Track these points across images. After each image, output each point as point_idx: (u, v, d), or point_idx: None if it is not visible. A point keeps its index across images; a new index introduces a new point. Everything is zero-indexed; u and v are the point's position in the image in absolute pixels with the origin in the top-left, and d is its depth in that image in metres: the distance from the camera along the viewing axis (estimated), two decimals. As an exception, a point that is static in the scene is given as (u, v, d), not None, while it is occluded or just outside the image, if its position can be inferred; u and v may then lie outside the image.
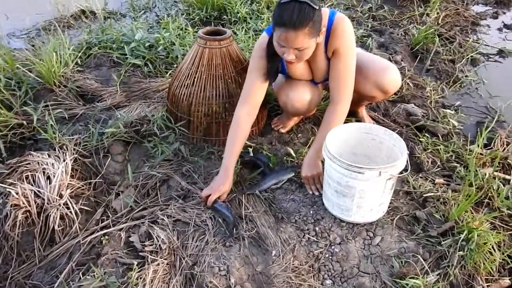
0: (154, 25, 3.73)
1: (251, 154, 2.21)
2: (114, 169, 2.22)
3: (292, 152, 2.22)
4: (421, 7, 4.13)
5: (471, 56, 3.44)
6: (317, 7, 1.72)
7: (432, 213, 1.87)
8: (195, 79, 2.24)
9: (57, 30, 3.30)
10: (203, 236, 1.81)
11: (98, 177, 2.16)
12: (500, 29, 4.15)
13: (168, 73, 2.98)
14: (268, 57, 1.97)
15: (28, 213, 1.87)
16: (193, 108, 2.26)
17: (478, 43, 3.72)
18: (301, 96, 2.13)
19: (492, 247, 1.69)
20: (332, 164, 1.70)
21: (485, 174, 2.10)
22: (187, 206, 1.98)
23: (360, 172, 1.63)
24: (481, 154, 2.24)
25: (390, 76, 2.10)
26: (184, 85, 2.27)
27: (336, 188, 1.75)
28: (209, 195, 1.91)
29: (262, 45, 1.98)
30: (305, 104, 2.16)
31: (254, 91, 2.04)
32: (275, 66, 2.04)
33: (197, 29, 3.63)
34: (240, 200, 1.98)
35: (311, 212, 1.88)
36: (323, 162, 1.96)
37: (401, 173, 1.70)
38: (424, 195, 1.96)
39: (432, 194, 1.95)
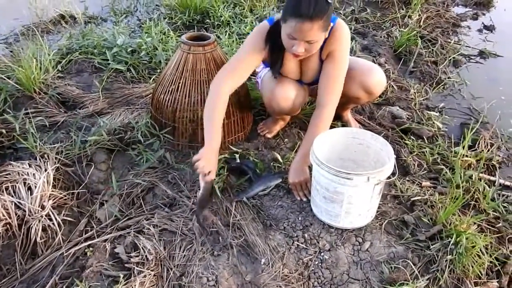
0: (136, 29, 3.69)
1: (238, 161, 2.18)
2: (98, 178, 2.17)
3: (279, 157, 2.20)
4: (403, 9, 4.16)
5: (453, 57, 3.48)
6: (331, 2, 1.72)
7: (420, 217, 1.87)
8: (180, 85, 2.21)
9: (36, 36, 3.23)
10: (190, 246, 1.78)
11: (81, 187, 2.11)
12: (480, 30, 4.21)
13: (152, 79, 2.94)
14: (270, 47, 1.97)
15: (8, 226, 1.81)
16: (178, 114, 2.23)
17: (460, 44, 3.76)
18: (286, 93, 2.10)
19: (480, 250, 1.70)
20: (320, 170, 1.68)
21: (471, 177, 2.11)
22: (174, 214, 1.94)
23: (348, 178, 1.62)
24: (466, 156, 2.25)
25: (375, 77, 2.11)
26: (168, 91, 2.23)
27: (324, 194, 1.74)
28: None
29: (263, 30, 1.96)
30: (289, 102, 2.13)
31: (242, 67, 1.99)
32: (280, 59, 2.02)
33: (179, 33, 3.60)
34: (228, 208, 1.95)
35: (299, 218, 1.87)
36: (310, 168, 1.95)
37: (388, 178, 1.70)
38: (412, 198, 1.96)
39: (419, 197, 1.96)
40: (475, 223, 1.84)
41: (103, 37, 3.23)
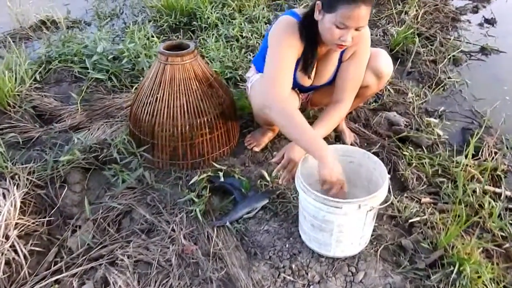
0: (120, 34, 3.51)
1: (222, 179, 2.02)
2: (72, 201, 2.02)
3: (265, 174, 2.04)
4: (399, 5, 3.97)
5: (453, 55, 3.29)
6: None
7: (419, 241, 1.71)
8: (158, 99, 2.05)
9: (15, 43, 3.07)
10: (166, 280, 1.62)
11: (53, 211, 1.96)
12: (481, 24, 4.01)
13: (134, 87, 2.77)
14: (307, 45, 1.79)
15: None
16: (157, 130, 2.07)
17: (460, 40, 3.57)
18: None
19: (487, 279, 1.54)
20: (307, 198, 1.52)
21: (475, 191, 1.95)
22: (151, 242, 1.78)
23: (337, 207, 1.46)
24: (468, 165, 2.08)
25: (383, 58, 2.00)
26: (146, 105, 2.07)
27: (312, 222, 1.58)
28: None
29: (293, 25, 1.76)
30: None
31: (285, 71, 1.76)
32: (315, 57, 1.86)
33: (164, 37, 3.43)
34: (209, 234, 1.80)
35: (287, 245, 1.71)
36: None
37: (383, 203, 1.53)
38: (410, 220, 1.79)
39: (418, 218, 1.79)
40: (480, 245, 1.67)
41: (84, 44, 3.06)
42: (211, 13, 3.47)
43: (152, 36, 3.19)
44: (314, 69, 1.95)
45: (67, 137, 2.32)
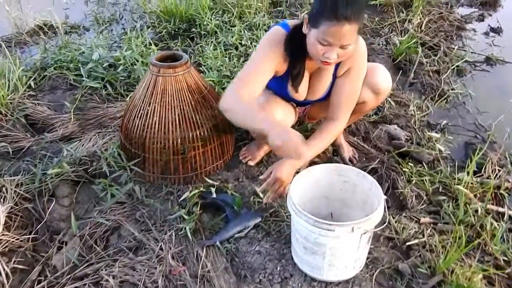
0: (118, 40, 3.45)
1: (214, 195, 1.95)
2: (59, 215, 1.96)
3: (259, 192, 1.97)
4: (403, 12, 3.89)
5: (457, 66, 3.21)
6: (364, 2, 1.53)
7: (417, 265, 1.63)
8: (149, 111, 1.99)
9: (8, 50, 3.02)
10: (152, 304, 1.56)
11: (40, 225, 1.91)
12: (486, 33, 3.92)
13: (129, 96, 2.71)
14: (292, 58, 1.74)
15: None
16: (148, 143, 2.00)
17: (465, 50, 3.48)
18: (272, 115, 1.88)
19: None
20: (298, 219, 1.45)
21: (477, 210, 1.87)
22: (138, 262, 1.71)
23: (329, 229, 1.39)
24: (471, 183, 2.01)
25: (381, 74, 1.93)
26: (137, 117, 2.01)
27: (304, 244, 1.50)
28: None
29: (280, 37, 1.71)
30: None
31: (257, 79, 1.71)
32: (303, 70, 1.81)
33: (163, 44, 3.37)
34: (199, 254, 1.73)
35: (278, 268, 1.63)
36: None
37: (378, 226, 1.46)
38: (408, 243, 1.71)
39: (417, 241, 1.71)
40: (481, 269, 1.60)
41: (80, 50, 3.00)
42: (211, 20, 3.40)
43: (150, 44, 3.13)
44: (307, 83, 1.89)
45: (58, 148, 2.26)
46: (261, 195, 1.95)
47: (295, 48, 1.69)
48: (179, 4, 3.55)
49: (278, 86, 1.92)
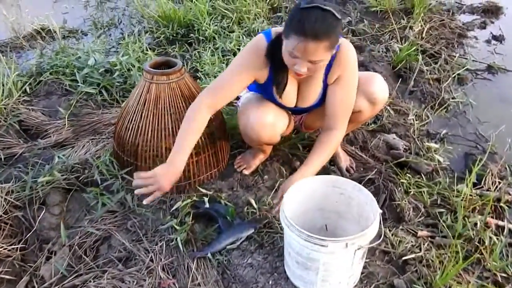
0: (115, 45, 3.42)
1: (207, 205, 1.91)
2: (49, 224, 1.92)
3: (252, 201, 1.93)
4: (404, 19, 3.85)
5: (458, 74, 3.16)
6: (340, 18, 1.49)
7: (413, 281, 1.58)
8: (142, 118, 1.95)
9: (3, 54, 2.99)
10: (140, 317, 1.51)
11: (29, 234, 1.87)
12: (488, 41, 3.87)
13: (124, 102, 2.68)
14: (273, 67, 1.74)
15: None
16: (140, 151, 1.97)
17: (466, 58, 3.43)
18: (263, 118, 1.84)
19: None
20: (290, 233, 1.41)
21: (476, 224, 1.82)
22: (127, 273, 1.68)
23: (323, 245, 1.34)
24: (470, 195, 1.96)
25: (377, 83, 1.89)
26: (130, 124, 1.98)
27: (296, 259, 1.46)
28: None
29: (260, 49, 1.71)
30: (267, 128, 1.86)
31: (229, 87, 1.77)
32: (285, 78, 1.78)
33: (161, 50, 3.34)
34: (189, 266, 1.68)
35: (270, 282, 1.59)
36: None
37: (373, 241, 1.42)
38: (404, 257, 1.67)
39: (413, 255, 1.66)
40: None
41: (76, 55, 2.97)
42: (209, 25, 3.37)
43: (147, 50, 3.10)
44: (295, 90, 1.86)
45: (50, 155, 2.22)
46: (255, 206, 1.92)
47: (276, 56, 1.66)
48: (177, 9, 3.51)
49: (264, 93, 1.90)
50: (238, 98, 2.16)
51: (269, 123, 1.85)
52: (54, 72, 2.90)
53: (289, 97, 1.86)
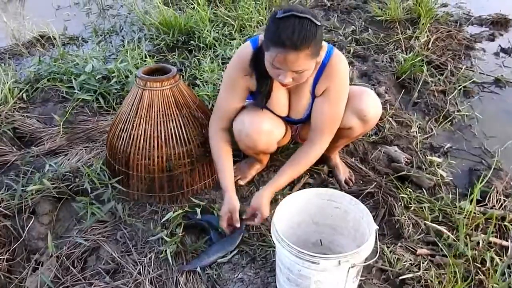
0: (115, 52, 3.39)
1: (199, 216, 1.85)
2: (38, 233, 1.87)
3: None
4: (409, 29, 3.78)
5: (464, 86, 3.08)
6: (319, 23, 1.43)
7: (411, 302, 1.50)
8: (134, 126, 1.90)
9: (3, 62, 2.97)
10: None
11: (17, 244, 1.81)
12: (496, 54, 3.79)
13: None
14: (257, 76, 1.69)
15: None
16: (132, 159, 1.91)
17: (473, 70, 3.36)
18: (259, 125, 1.78)
19: None
20: (280, 248, 1.34)
21: (478, 243, 1.74)
22: (114, 286, 1.63)
23: (314, 262, 1.27)
24: (473, 213, 1.88)
25: (368, 99, 1.81)
26: (122, 132, 1.92)
27: (287, 275, 1.39)
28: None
29: (244, 58, 1.68)
30: (263, 136, 1.81)
31: (228, 106, 1.82)
32: (268, 87, 1.73)
33: (161, 57, 3.30)
34: (178, 280, 1.62)
35: (260, 299, 1.52)
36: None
37: (369, 258, 1.34)
38: (402, 276, 1.59)
39: (411, 275, 1.59)
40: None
41: (74, 62, 2.94)
42: (210, 32, 3.33)
43: (146, 56, 3.06)
44: (286, 100, 1.82)
45: (43, 163, 2.17)
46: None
47: (258, 65, 1.61)
48: (178, 16, 3.48)
49: (256, 101, 1.85)
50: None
51: (265, 130, 1.79)
52: (51, 79, 2.86)
53: (279, 106, 1.81)
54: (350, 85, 1.79)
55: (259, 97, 1.77)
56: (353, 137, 1.96)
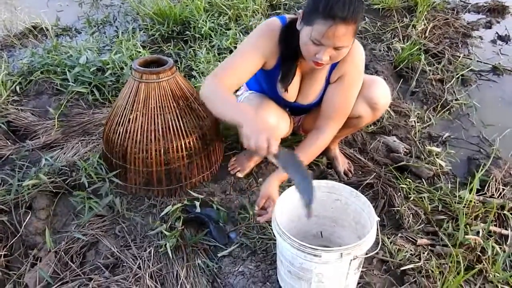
0: (109, 43, 3.34)
1: (198, 209, 1.83)
2: (35, 228, 1.85)
3: (247, 205, 1.85)
4: (406, 18, 3.75)
5: (462, 75, 3.06)
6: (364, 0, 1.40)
7: (412, 292, 1.50)
8: (131, 119, 1.87)
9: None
10: (124, 329, 1.44)
11: (15, 239, 1.80)
12: (493, 41, 3.77)
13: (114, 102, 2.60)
14: (283, 55, 1.63)
15: None
16: (129, 153, 1.89)
17: (470, 58, 3.34)
18: (265, 119, 1.75)
19: None
20: (282, 242, 1.33)
21: (478, 232, 1.74)
22: (114, 281, 1.61)
23: (316, 255, 1.26)
24: (473, 202, 1.87)
25: (380, 88, 1.79)
26: (118, 126, 1.90)
27: (289, 268, 1.38)
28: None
29: (275, 28, 1.60)
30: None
31: (240, 66, 1.60)
32: (294, 69, 1.69)
33: (156, 47, 3.26)
34: (178, 273, 1.61)
35: (261, 292, 1.51)
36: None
37: (370, 250, 1.34)
38: (403, 268, 1.58)
39: (412, 265, 1.58)
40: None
41: (68, 53, 2.90)
42: (205, 22, 3.29)
43: (141, 48, 3.02)
44: (298, 84, 1.77)
45: (38, 157, 2.15)
46: (250, 210, 1.84)
47: (288, 43, 1.57)
48: (173, 6, 3.43)
49: (267, 81, 1.80)
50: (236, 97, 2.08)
51: (271, 125, 1.77)
52: (45, 71, 2.82)
53: (291, 90, 1.77)
54: None
55: (284, 79, 1.69)
56: (358, 127, 1.94)
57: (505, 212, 1.87)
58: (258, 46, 1.62)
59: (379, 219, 1.39)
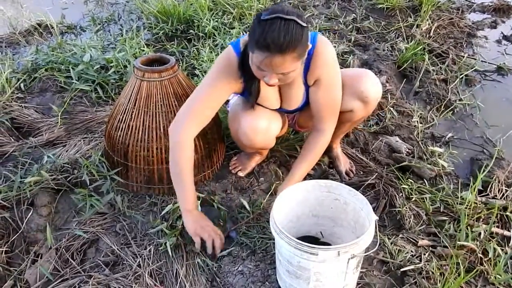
0: (113, 41, 3.35)
1: (198, 208, 1.83)
2: (37, 225, 1.86)
3: (246, 204, 1.85)
4: (411, 17, 3.74)
5: (466, 75, 3.04)
6: (305, 24, 1.39)
7: (412, 294, 1.50)
8: (132, 117, 1.88)
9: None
10: (123, 326, 1.44)
11: (16, 236, 1.81)
12: (499, 41, 3.74)
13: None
14: (244, 78, 1.65)
15: None
16: (131, 151, 1.90)
17: (475, 58, 3.32)
18: (255, 123, 1.76)
19: None
20: (280, 241, 1.33)
21: (480, 234, 1.73)
22: (114, 279, 1.61)
23: (313, 253, 1.26)
24: (475, 203, 1.86)
25: (368, 80, 1.78)
26: (120, 124, 1.91)
27: (287, 267, 1.38)
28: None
29: (232, 61, 1.62)
30: (260, 134, 1.78)
31: (207, 105, 1.69)
32: (256, 88, 1.69)
33: (160, 46, 3.27)
34: (178, 272, 1.61)
35: (260, 292, 1.51)
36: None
37: (368, 249, 1.33)
38: (403, 269, 1.58)
39: (413, 266, 1.58)
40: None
41: (72, 51, 2.91)
42: (209, 21, 3.29)
43: (145, 46, 3.03)
44: (276, 93, 1.78)
45: (41, 154, 2.16)
46: (248, 209, 1.84)
47: (246, 69, 1.57)
48: (177, 4, 3.43)
49: (247, 98, 1.80)
50: (227, 101, 2.08)
51: (262, 129, 1.77)
52: (49, 69, 2.83)
53: (270, 100, 1.79)
54: (348, 67, 1.76)
55: (250, 98, 1.74)
56: (355, 121, 1.92)
57: (507, 213, 1.85)
58: (219, 85, 1.66)
59: (377, 218, 1.38)
